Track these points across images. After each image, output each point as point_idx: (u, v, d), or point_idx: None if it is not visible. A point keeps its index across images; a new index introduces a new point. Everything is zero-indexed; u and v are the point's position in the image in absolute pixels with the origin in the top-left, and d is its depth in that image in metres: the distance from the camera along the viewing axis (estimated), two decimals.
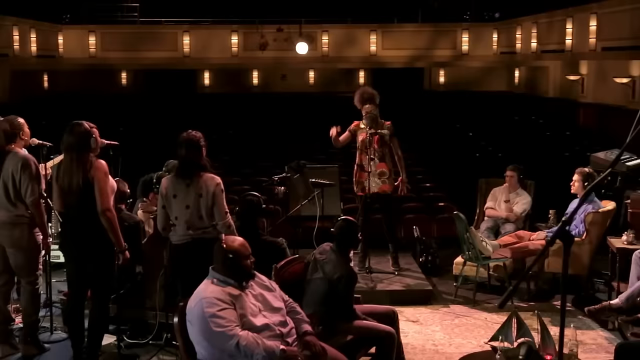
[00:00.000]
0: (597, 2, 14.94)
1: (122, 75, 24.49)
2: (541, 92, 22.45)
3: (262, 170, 15.67)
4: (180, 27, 21.27)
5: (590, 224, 8.06)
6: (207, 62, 22.08)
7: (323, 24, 21.38)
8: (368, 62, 22.17)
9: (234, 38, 21.28)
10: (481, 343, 7.05)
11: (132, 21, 21.69)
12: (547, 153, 16.68)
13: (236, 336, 4.72)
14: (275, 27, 20.64)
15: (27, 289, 6.47)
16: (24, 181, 6.25)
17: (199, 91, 24.83)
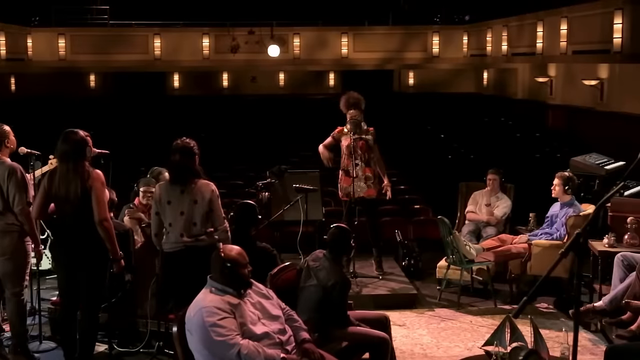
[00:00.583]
0: (567, 6, 15.13)
1: (91, 78, 24.32)
2: (510, 94, 22.72)
3: (237, 173, 15.69)
4: (151, 29, 21.14)
5: (572, 227, 8.19)
6: (178, 65, 22.00)
7: (294, 27, 21.39)
8: (339, 64, 22.24)
9: (205, 41, 21.21)
10: (469, 346, 7.18)
11: (102, 24, 21.50)
12: (519, 155, 16.89)
13: (237, 345, 4.75)
14: (247, 29, 20.62)
15: (12, 300, 6.42)
16: (11, 190, 6.22)
17: (169, 93, 24.74)
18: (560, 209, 8.47)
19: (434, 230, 11.68)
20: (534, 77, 20.16)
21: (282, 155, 16.98)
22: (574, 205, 8.39)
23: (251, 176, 15.66)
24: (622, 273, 7.25)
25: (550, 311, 8.17)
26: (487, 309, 8.27)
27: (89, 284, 6.02)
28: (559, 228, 8.40)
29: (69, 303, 6.16)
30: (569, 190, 8.37)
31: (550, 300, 8.52)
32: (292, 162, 16.79)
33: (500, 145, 18.15)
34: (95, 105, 22.06)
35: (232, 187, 14.04)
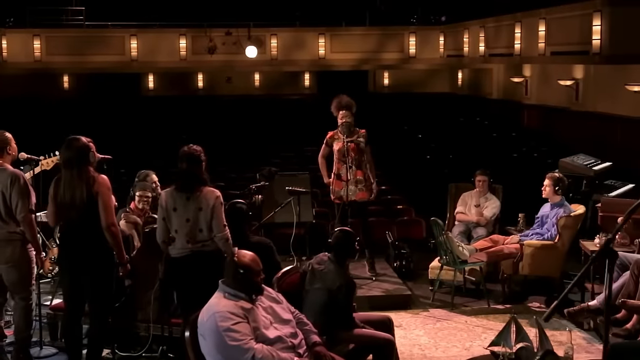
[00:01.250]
0: (546, 7, 15.31)
1: (64, 79, 24.11)
2: (484, 94, 22.90)
3: (219, 175, 15.65)
4: (127, 30, 20.97)
5: (563, 228, 8.34)
6: (155, 66, 21.88)
7: (272, 28, 21.34)
8: (317, 65, 22.25)
9: (182, 42, 21.11)
10: (466, 346, 7.28)
11: (78, 25, 21.29)
12: (497, 154, 17.06)
13: (252, 349, 4.79)
14: (224, 30, 20.55)
15: (20, 305, 6.43)
16: (14, 197, 6.21)
17: (144, 94, 24.61)
18: (551, 209, 8.60)
19: (417, 230, 11.86)
20: (509, 77, 20.36)
21: (263, 157, 17.03)
22: (564, 205, 8.52)
23: (233, 177, 15.69)
24: (616, 273, 7.39)
25: (543, 310, 8.27)
26: (481, 309, 8.37)
27: (96, 289, 6.04)
28: (549, 228, 8.53)
29: (74, 308, 6.17)
30: (559, 191, 8.50)
31: (541, 300, 8.65)
32: (274, 163, 16.79)
33: (477, 145, 18.30)
34: (69, 106, 21.89)
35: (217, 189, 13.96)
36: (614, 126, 15.10)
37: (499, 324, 7.80)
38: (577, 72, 16.82)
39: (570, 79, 16.84)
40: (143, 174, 8.04)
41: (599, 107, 16.00)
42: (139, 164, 8.40)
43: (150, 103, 23.40)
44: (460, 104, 23.84)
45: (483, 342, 7.33)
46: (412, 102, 23.60)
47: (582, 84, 16.79)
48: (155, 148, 16.62)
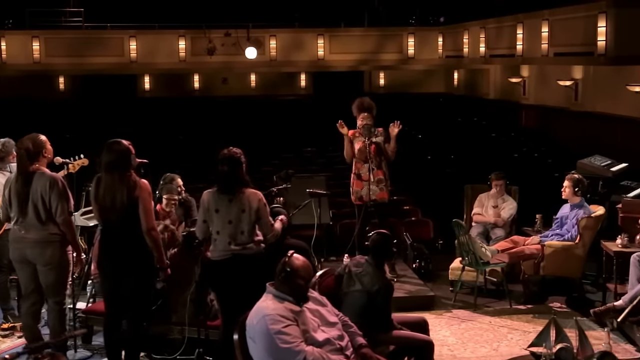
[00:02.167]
0: (549, 8, 15.41)
1: (60, 80, 24.04)
2: (481, 94, 23.01)
3: None
4: (126, 32, 20.92)
5: (584, 228, 8.43)
6: (154, 68, 21.83)
7: (271, 29, 21.35)
8: (316, 66, 22.27)
9: (181, 43, 21.08)
10: (494, 346, 7.35)
11: (77, 26, 21.24)
12: (497, 154, 17.15)
13: (303, 352, 4.82)
14: (223, 31, 20.56)
15: (54, 309, 6.45)
16: (54, 201, 6.24)
17: (140, 95, 24.57)
18: (570, 210, 8.68)
19: (425, 230, 11.91)
20: (506, 77, 20.47)
21: (263, 158, 17.04)
22: (584, 206, 8.61)
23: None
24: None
25: (564, 310, 8.37)
26: (503, 310, 8.44)
27: (136, 293, 6.06)
28: (569, 229, 8.61)
29: (114, 312, 6.20)
30: (578, 192, 8.58)
31: (561, 300, 8.73)
32: (274, 164, 16.88)
33: (477, 145, 18.40)
34: (65, 108, 21.85)
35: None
36: (613, 126, 15.22)
37: (523, 324, 7.94)
38: (576, 72, 16.95)
39: (569, 79, 16.96)
40: (169, 177, 8.06)
41: (598, 107, 16.12)
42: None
43: (146, 104, 23.37)
44: (457, 104, 23.93)
45: (510, 343, 7.43)
46: (409, 102, 23.66)
47: (581, 85, 16.91)
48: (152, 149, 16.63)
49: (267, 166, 16.81)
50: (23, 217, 6.31)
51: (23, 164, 6.29)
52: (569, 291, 8.85)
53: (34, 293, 6.49)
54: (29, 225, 6.30)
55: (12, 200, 6.35)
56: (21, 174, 6.30)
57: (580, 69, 16.76)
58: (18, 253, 6.42)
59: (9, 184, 6.43)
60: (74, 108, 21.92)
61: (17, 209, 6.30)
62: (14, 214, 6.36)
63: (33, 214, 6.25)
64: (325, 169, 15.41)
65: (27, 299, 6.54)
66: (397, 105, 23.99)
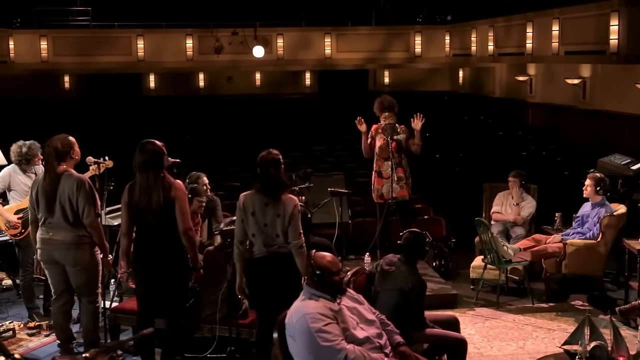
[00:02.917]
0: (559, 7, 15.44)
1: (65, 79, 24.03)
2: (487, 92, 23.03)
3: (232, 175, 15.69)
4: (134, 31, 20.91)
5: (606, 227, 8.47)
6: (161, 67, 21.82)
7: (278, 27, 21.38)
8: (323, 64, 22.28)
9: (188, 42, 21.09)
10: (520, 344, 7.37)
11: (85, 25, 21.23)
12: (505, 153, 17.20)
13: (344, 350, 4.85)
14: (230, 30, 20.58)
15: (88, 308, 6.49)
16: (81, 202, 6.26)
17: (145, 94, 24.57)
18: (592, 209, 8.72)
19: (438, 228, 11.93)
20: (512, 76, 20.51)
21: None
22: (605, 205, 8.65)
23: (246, 177, 15.70)
24: None
25: (587, 308, 8.41)
26: (526, 308, 8.48)
27: (173, 293, 6.09)
28: (591, 227, 8.65)
29: (148, 312, 6.22)
30: (600, 191, 8.63)
31: (583, 298, 8.77)
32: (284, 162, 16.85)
33: (485, 143, 18.44)
34: (70, 107, 21.83)
35: (231, 189, 14.00)
36: (621, 124, 15.26)
37: (547, 322, 7.98)
38: (584, 71, 16.99)
39: (577, 77, 17.00)
40: (194, 176, 8.08)
41: (606, 105, 16.16)
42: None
43: (152, 103, 23.36)
44: (462, 102, 23.95)
45: (535, 341, 7.47)
46: (413, 100, 23.61)
47: (589, 83, 16.95)
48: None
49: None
50: (50, 217, 6.33)
51: (51, 163, 6.31)
52: (589, 289, 8.89)
53: (65, 293, 6.52)
54: (57, 226, 6.33)
55: (39, 200, 6.37)
56: (49, 173, 6.32)
57: (588, 67, 16.79)
58: (46, 254, 6.45)
59: (36, 184, 6.45)
60: (79, 107, 21.90)
61: (44, 209, 6.32)
62: (42, 214, 6.38)
63: (60, 215, 6.27)
64: (335, 168, 15.43)
65: (58, 299, 6.57)
66: (402, 103, 23.92)
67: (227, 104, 23.25)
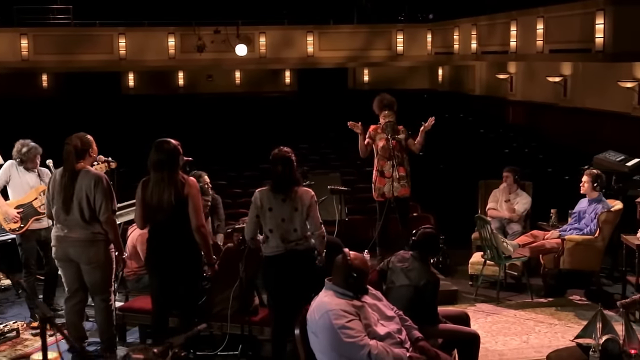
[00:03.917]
0: (544, 6, 15.58)
1: (44, 78, 23.84)
2: (467, 90, 23.21)
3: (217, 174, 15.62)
4: (115, 29, 20.75)
5: (604, 223, 8.60)
6: (143, 65, 21.70)
7: (260, 26, 21.37)
8: (305, 63, 22.28)
9: (170, 40, 21.00)
10: (524, 339, 7.47)
11: (66, 24, 21.03)
12: (487, 150, 17.35)
13: (367, 346, 4.90)
14: (213, 29, 20.54)
15: (101, 306, 6.49)
16: (98, 199, 6.26)
17: (124, 93, 24.46)
18: (589, 205, 8.84)
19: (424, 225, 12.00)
20: (493, 74, 20.68)
21: (257, 155, 17.06)
22: (602, 201, 8.77)
23: (232, 176, 15.71)
24: None
25: (585, 303, 8.54)
26: (525, 303, 8.59)
27: (187, 290, 6.11)
28: (588, 223, 8.77)
29: (163, 310, 6.24)
30: (597, 187, 8.75)
31: (580, 293, 8.90)
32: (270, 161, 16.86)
33: (467, 141, 18.57)
34: (48, 106, 21.67)
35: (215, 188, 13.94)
36: (602, 121, 15.47)
37: (547, 317, 8.10)
38: (565, 69, 17.19)
39: (558, 75, 17.19)
40: (196, 174, 8.07)
41: (587, 103, 16.38)
42: (121, 164, 8.29)
43: (131, 102, 23.26)
44: (442, 100, 24.07)
45: (539, 335, 7.57)
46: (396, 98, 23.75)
47: (570, 81, 17.15)
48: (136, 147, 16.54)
49: (264, 163, 16.83)
50: (67, 214, 6.31)
51: (70, 161, 6.30)
52: (586, 284, 9.02)
53: (79, 291, 6.51)
54: (72, 223, 6.32)
55: (55, 197, 6.36)
56: (67, 170, 6.31)
57: (569, 65, 16.99)
58: (61, 252, 6.44)
59: (53, 182, 6.44)
60: (58, 106, 21.73)
61: (61, 206, 6.31)
62: (58, 211, 6.36)
63: (77, 212, 6.27)
64: (321, 166, 15.47)
65: (72, 298, 6.55)
66: None
67: (207, 103, 23.21)
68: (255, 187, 14.14)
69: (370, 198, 11.96)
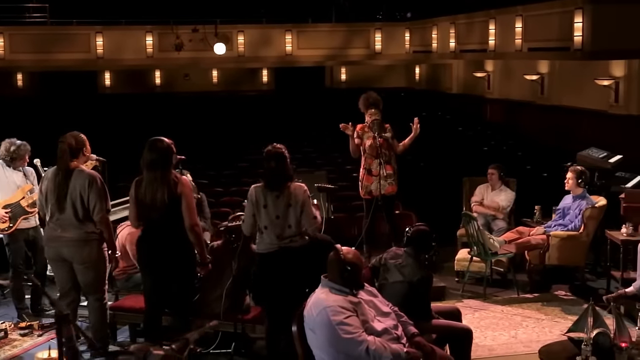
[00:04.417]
0: (522, 4, 15.69)
1: (18, 77, 23.63)
2: (444, 89, 23.32)
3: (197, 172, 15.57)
4: (92, 28, 20.63)
5: (588, 218, 8.70)
6: (121, 64, 21.58)
7: (238, 24, 21.35)
8: (284, 61, 22.31)
9: (148, 39, 20.92)
10: (512, 334, 7.54)
11: (42, 22, 20.89)
12: (466, 148, 17.44)
13: (365, 341, 4.93)
14: (191, 27, 20.48)
15: (95, 305, 6.47)
16: (92, 199, 6.24)
17: (100, 92, 24.31)
18: (573, 201, 8.93)
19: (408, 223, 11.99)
20: (470, 72, 20.79)
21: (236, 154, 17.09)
22: (586, 197, 8.87)
23: (212, 175, 15.66)
24: None
25: (570, 298, 8.64)
26: (512, 299, 8.66)
27: (180, 289, 6.11)
28: (572, 219, 8.86)
29: (156, 309, 6.22)
30: (581, 184, 8.84)
31: (564, 288, 8.99)
32: (248, 159, 16.89)
33: (446, 139, 18.66)
34: (23, 105, 21.46)
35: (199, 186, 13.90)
36: (580, 119, 15.62)
37: (534, 312, 8.18)
38: (542, 67, 17.33)
39: (536, 73, 17.34)
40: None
41: (564, 100, 16.53)
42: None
43: (107, 101, 23.11)
44: (419, 98, 24.15)
45: (526, 330, 7.65)
46: None
47: (547, 79, 17.31)
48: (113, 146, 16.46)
49: (242, 162, 16.83)
50: (60, 214, 6.29)
51: (64, 160, 6.27)
52: (570, 279, 9.12)
53: (72, 291, 6.49)
54: (66, 223, 6.29)
55: (49, 197, 6.33)
56: (62, 170, 6.29)
57: (546, 63, 17.14)
58: (54, 252, 6.41)
59: (45, 181, 6.41)
60: (33, 105, 21.54)
61: (54, 205, 6.28)
62: (51, 211, 6.33)
63: (71, 211, 6.24)
64: (304, 165, 15.46)
65: (65, 297, 6.52)
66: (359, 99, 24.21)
67: (184, 102, 23.12)
68: (236, 185, 14.22)
69: (352, 196, 12.04)
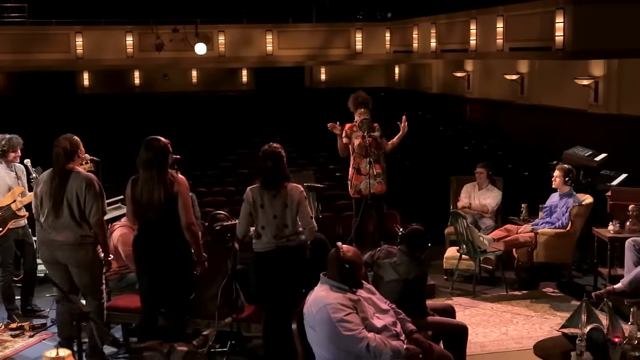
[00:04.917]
0: (503, 5, 15.79)
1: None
2: (424, 89, 23.44)
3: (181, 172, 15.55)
4: (72, 28, 20.48)
5: (575, 216, 8.81)
6: (100, 64, 21.43)
7: (219, 25, 21.32)
8: (264, 61, 22.29)
9: (129, 39, 20.83)
10: (503, 331, 7.61)
11: (21, 22, 20.71)
12: (447, 147, 17.54)
13: (366, 338, 4.96)
14: (171, 27, 20.43)
15: (93, 305, 6.45)
16: (89, 201, 6.22)
17: (79, 92, 24.18)
18: (560, 199, 9.03)
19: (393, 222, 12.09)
20: (450, 72, 20.90)
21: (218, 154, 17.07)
22: (573, 195, 8.97)
23: (197, 175, 15.64)
24: (635, 256, 7.85)
25: (558, 295, 8.72)
26: (500, 296, 8.73)
27: (176, 289, 6.11)
28: (559, 217, 8.96)
29: (152, 309, 6.22)
30: (568, 182, 8.95)
31: (552, 285, 9.08)
32: (230, 159, 16.89)
33: (427, 138, 18.73)
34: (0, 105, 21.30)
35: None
36: (560, 118, 15.76)
37: (523, 309, 8.26)
38: (522, 66, 17.47)
39: (515, 73, 17.48)
40: None
41: (544, 100, 16.68)
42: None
43: (86, 101, 23.00)
44: (399, 98, 24.23)
45: (517, 327, 7.72)
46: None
47: (527, 79, 17.45)
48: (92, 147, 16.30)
49: (225, 162, 16.83)
50: (55, 217, 6.25)
51: (60, 163, 6.25)
52: (558, 277, 9.22)
53: (70, 293, 6.45)
54: (62, 226, 6.25)
55: (44, 200, 6.30)
56: (58, 172, 6.26)
57: (526, 63, 17.28)
58: (48, 254, 6.38)
59: (40, 184, 6.38)
60: (10, 105, 21.34)
61: (50, 208, 6.25)
62: (46, 214, 6.30)
63: (68, 214, 6.21)
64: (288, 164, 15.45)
65: (63, 299, 6.49)
66: (339, 100, 24.16)
67: (163, 102, 23.07)
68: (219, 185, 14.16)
69: (338, 195, 12.09)
